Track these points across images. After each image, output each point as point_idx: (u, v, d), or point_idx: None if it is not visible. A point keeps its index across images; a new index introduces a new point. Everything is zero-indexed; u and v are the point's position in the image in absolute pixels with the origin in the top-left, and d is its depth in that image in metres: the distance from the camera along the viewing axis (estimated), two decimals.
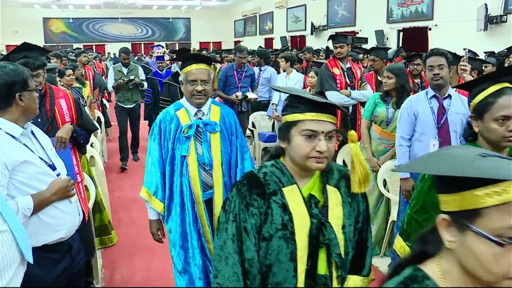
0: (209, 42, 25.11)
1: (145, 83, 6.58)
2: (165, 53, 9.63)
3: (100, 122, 6.70)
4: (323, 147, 1.36)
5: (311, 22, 16.93)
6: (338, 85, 4.32)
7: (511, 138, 1.69)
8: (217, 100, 3.24)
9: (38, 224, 1.92)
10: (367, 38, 12.50)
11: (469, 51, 4.64)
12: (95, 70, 8.13)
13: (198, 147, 2.42)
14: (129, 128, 6.64)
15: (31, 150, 1.93)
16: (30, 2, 21.18)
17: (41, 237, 1.94)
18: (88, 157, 3.72)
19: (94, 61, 10.35)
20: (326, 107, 1.40)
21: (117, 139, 6.57)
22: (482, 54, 7.13)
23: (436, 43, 10.27)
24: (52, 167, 1.99)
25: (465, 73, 3.34)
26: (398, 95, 3.61)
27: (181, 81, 2.48)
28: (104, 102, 7.93)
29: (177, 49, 19.51)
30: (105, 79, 9.35)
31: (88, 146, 3.66)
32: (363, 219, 1.52)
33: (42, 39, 22.51)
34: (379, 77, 4.86)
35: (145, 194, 2.46)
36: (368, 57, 6.28)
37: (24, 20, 22.15)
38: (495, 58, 6.38)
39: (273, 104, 5.90)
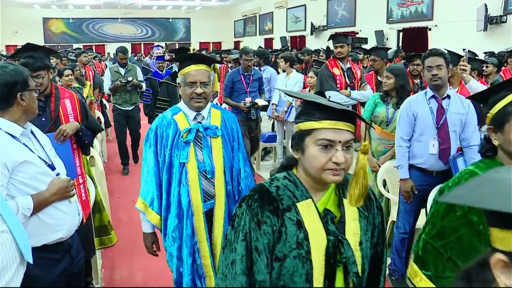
0: (209, 43, 25.11)
1: (143, 84, 6.31)
2: (165, 53, 9.53)
3: (100, 122, 6.69)
4: (340, 158, 1.26)
5: (311, 22, 16.93)
6: (338, 85, 4.33)
7: None
8: (222, 107, 3.04)
9: (38, 224, 1.92)
10: (367, 38, 12.51)
11: (469, 51, 4.65)
12: (95, 70, 8.14)
13: (198, 153, 2.26)
14: (128, 132, 6.38)
15: (31, 150, 1.93)
16: (30, 2, 21.17)
17: (41, 237, 1.94)
18: (88, 157, 3.71)
19: (93, 61, 10.34)
20: (344, 115, 1.30)
21: (115, 137, 6.38)
22: (481, 55, 7.12)
23: (436, 43, 10.27)
24: (52, 167, 2.00)
25: (465, 73, 3.35)
26: (397, 95, 3.61)
27: (178, 83, 2.31)
28: (104, 102, 7.91)
29: (176, 49, 19.51)
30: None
31: None
32: (378, 233, 1.43)
33: (42, 39, 22.50)
34: (379, 77, 4.86)
35: (141, 205, 2.32)
36: (368, 57, 6.29)
37: (24, 20, 22.14)
38: (496, 58, 6.37)
39: (273, 104, 5.89)
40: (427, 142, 3.03)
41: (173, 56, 13.12)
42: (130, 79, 5.99)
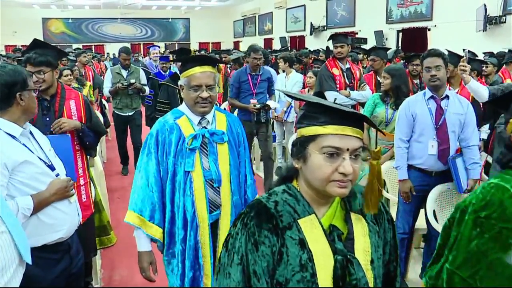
0: (208, 43, 25.12)
1: (146, 88, 5.82)
2: (164, 53, 9.37)
3: (101, 122, 6.66)
4: (348, 168, 1.10)
5: (311, 23, 16.94)
6: (338, 86, 4.33)
7: None
8: (227, 109, 2.90)
9: (38, 224, 1.92)
10: (366, 39, 12.54)
11: (468, 51, 4.65)
12: (95, 71, 8.14)
13: (204, 160, 2.09)
14: (130, 139, 5.98)
15: (31, 150, 1.94)
16: (30, 2, 21.16)
17: (41, 237, 1.94)
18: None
19: (92, 61, 10.33)
20: (352, 119, 1.14)
21: (116, 139, 6.16)
22: (481, 55, 7.13)
23: (436, 43, 10.29)
24: (51, 167, 2.00)
25: (464, 74, 3.35)
26: (394, 96, 3.62)
27: (181, 86, 2.13)
28: (103, 102, 7.91)
29: (176, 49, 19.50)
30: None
31: None
32: (390, 249, 1.28)
33: (41, 40, 22.46)
34: (378, 78, 4.87)
35: (136, 219, 2.07)
36: (368, 57, 6.30)
37: (23, 20, 22.13)
38: (495, 58, 6.38)
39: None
40: (426, 143, 3.03)
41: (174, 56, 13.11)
42: (132, 81, 5.61)
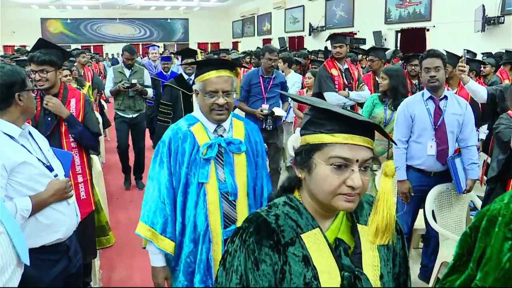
0: (207, 43, 25.12)
1: (150, 90, 5.41)
2: (163, 53, 9.24)
3: (99, 122, 6.64)
4: (357, 181, 1.02)
5: (309, 23, 16.95)
6: (336, 86, 4.33)
7: None
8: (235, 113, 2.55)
9: (36, 225, 1.92)
10: (365, 39, 12.54)
11: (467, 52, 4.65)
12: (94, 71, 8.13)
13: (219, 171, 1.94)
14: (131, 144, 5.55)
15: (29, 151, 1.93)
16: (28, 3, 21.14)
17: (39, 239, 1.94)
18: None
19: (91, 61, 10.32)
20: (363, 127, 1.05)
21: (115, 139, 5.73)
22: (479, 55, 7.15)
23: (434, 44, 10.30)
24: (50, 168, 2.00)
25: (463, 74, 3.36)
26: (392, 96, 3.63)
27: (195, 91, 1.97)
28: (102, 102, 7.90)
29: (175, 49, 19.50)
30: (103, 79, 9.31)
31: None
32: (400, 260, 1.20)
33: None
34: (377, 78, 4.87)
35: (147, 232, 1.94)
36: (367, 57, 6.30)
37: (22, 21, 22.11)
38: (493, 58, 6.39)
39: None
40: (425, 143, 3.03)
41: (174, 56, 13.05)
42: (134, 81, 5.18)
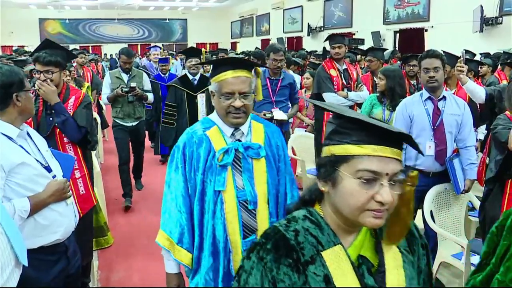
0: (206, 43, 25.11)
1: (150, 94, 5.05)
2: (167, 54, 9.00)
3: (97, 123, 6.63)
4: (387, 197, 0.94)
5: (308, 23, 16.96)
6: (335, 87, 4.33)
7: None
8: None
9: (34, 226, 1.91)
10: (363, 39, 12.56)
11: (466, 52, 4.66)
12: (93, 71, 8.12)
13: (237, 178, 1.82)
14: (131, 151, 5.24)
15: (27, 152, 1.93)
16: (26, 3, 21.11)
17: (38, 239, 1.93)
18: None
19: (89, 63, 10.31)
20: (392, 137, 0.97)
21: (114, 140, 5.32)
22: (477, 55, 7.16)
23: (433, 44, 10.31)
24: (48, 169, 1.99)
25: (461, 75, 3.36)
26: (389, 97, 3.63)
27: (211, 92, 1.86)
28: (101, 103, 7.89)
29: (174, 50, 19.48)
30: (102, 79, 9.29)
31: None
32: (424, 278, 1.12)
33: (38, 40, 22.38)
34: (375, 78, 4.88)
35: (166, 241, 1.86)
36: (365, 58, 6.31)
37: (20, 21, 22.09)
38: (490, 59, 6.41)
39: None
40: (423, 144, 3.03)
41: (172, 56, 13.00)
42: (133, 85, 4.81)
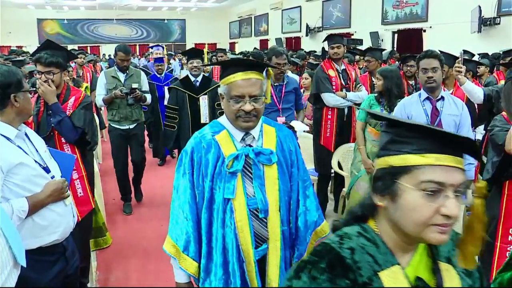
0: (204, 44, 25.10)
1: (148, 96, 4.71)
2: (165, 54, 8.83)
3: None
4: (453, 209, 0.88)
5: (306, 24, 16.97)
6: (334, 87, 4.33)
7: None
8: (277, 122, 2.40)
9: (33, 226, 1.91)
10: (362, 40, 12.58)
11: (464, 52, 4.67)
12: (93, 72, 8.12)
13: (247, 186, 1.75)
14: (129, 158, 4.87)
15: (26, 152, 1.93)
16: (24, 3, 21.06)
17: (36, 240, 1.93)
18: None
19: (88, 63, 10.30)
20: (455, 145, 0.91)
21: (112, 160, 4.89)
22: (476, 56, 7.18)
23: (431, 44, 10.33)
24: (46, 170, 1.99)
25: (460, 75, 3.37)
26: (386, 97, 3.64)
27: (220, 95, 1.79)
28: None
29: (172, 50, 19.47)
30: None
31: None
32: None
33: (36, 40, 22.38)
34: (373, 78, 4.88)
35: (172, 249, 1.79)
36: (364, 58, 6.32)
37: (18, 21, 22.03)
38: (488, 59, 6.42)
39: None
40: None
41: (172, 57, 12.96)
42: (135, 85, 4.44)
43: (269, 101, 1.90)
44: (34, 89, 2.81)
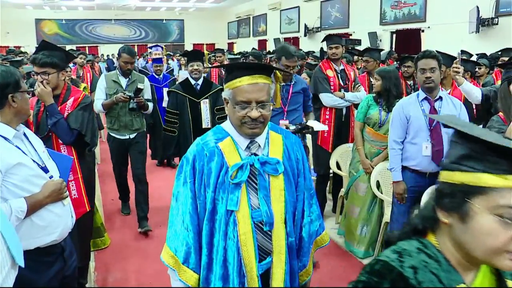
0: (203, 44, 25.12)
1: (150, 104, 4.34)
2: (164, 54, 8.66)
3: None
4: None
5: (305, 24, 16.99)
6: (332, 87, 4.34)
7: None
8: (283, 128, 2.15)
9: (31, 227, 1.91)
10: (360, 40, 12.60)
11: (463, 52, 4.67)
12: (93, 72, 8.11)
13: (252, 197, 1.65)
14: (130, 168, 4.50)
15: (24, 153, 1.92)
16: (22, 3, 21.03)
17: (34, 240, 1.93)
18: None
19: (86, 64, 10.30)
20: None
21: (112, 169, 4.71)
22: (474, 56, 7.19)
23: (429, 45, 10.35)
24: (45, 170, 1.99)
25: (458, 75, 3.37)
26: (384, 98, 3.64)
27: (225, 99, 1.69)
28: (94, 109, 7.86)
29: (171, 50, 19.45)
30: None
31: None
32: None
33: (35, 41, 22.36)
34: (371, 79, 4.89)
35: (170, 260, 1.69)
36: (362, 58, 6.32)
37: (16, 21, 22.00)
38: (486, 59, 6.42)
39: None
40: (420, 144, 3.04)
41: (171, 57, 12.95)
42: (141, 86, 4.09)
43: (278, 105, 1.82)
44: (32, 89, 2.80)
